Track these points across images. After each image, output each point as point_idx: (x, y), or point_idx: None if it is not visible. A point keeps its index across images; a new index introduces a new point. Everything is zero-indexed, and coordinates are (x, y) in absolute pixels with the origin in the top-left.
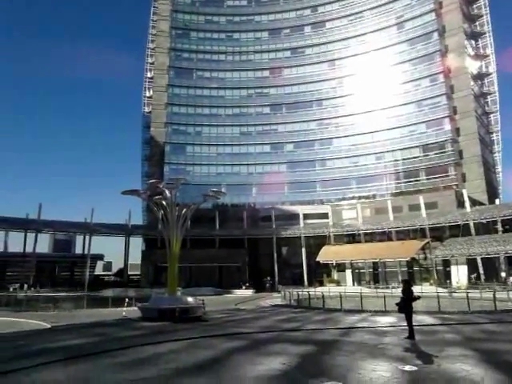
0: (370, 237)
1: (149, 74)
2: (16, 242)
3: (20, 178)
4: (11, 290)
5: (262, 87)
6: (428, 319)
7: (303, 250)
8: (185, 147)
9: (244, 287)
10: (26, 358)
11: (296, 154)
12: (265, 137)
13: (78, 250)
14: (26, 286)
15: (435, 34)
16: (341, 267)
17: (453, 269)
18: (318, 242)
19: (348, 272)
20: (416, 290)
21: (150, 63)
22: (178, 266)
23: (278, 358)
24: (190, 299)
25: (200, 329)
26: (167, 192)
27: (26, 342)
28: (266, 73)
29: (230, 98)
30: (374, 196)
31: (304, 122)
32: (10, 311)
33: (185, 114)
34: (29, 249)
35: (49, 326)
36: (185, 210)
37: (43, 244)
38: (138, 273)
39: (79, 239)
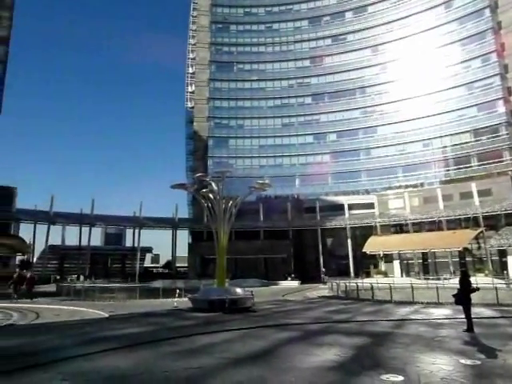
0: (419, 227)
1: (190, 70)
2: (72, 236)
3: (73, 175)
4: (69, 280)
5: (303, 77)
6: (486, 311)
7: (349, 240)
8: (227, 140)
9: (289, 278)
10: (90, 344)
11: (339, 143)
12: (307, 127)
13: (128, 243)
14: (82, 277)
15: (487, 11)
16: (388, 258)
17: (510, 259)
18: (363, 233)
19: (396, 263)
20: (471, 281)
21: (192, 59)
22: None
23: (332, 350)
24: (238, 290)
25: (250, 319)
26: (213, 185)
27: (88, 329)
28: (307, 62)
29: (271, 90)
30: (421, 184)
31: (347, 110)
32: (71, 300)
33: (226, 107)
34: (84, 242)
35: (106, 315)
36: (231, 202)
37: (96, 237)
38: (185, 265)
39: (129, 232)
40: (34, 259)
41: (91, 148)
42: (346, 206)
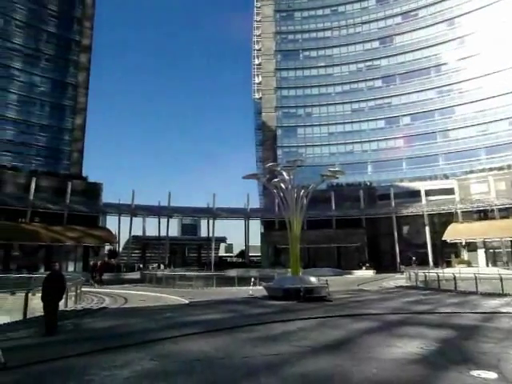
0: (506, 212)
1: (256, 61)
2: (152, 227)
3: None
4: (150, 268)
5: (372, 59)
6: None
7: (427, 228)
8: (296, 129)
9: (364, 268)
10: (173, 328)
11: (414, 126)
12: (378, 111)
13: (203, 234)
14: (162, 265)
15: None
16: (471, 246)
17: None
18: (443, 220)
19: (480, 252)
20: None
21: (257, 50)
22: None
23: (413, 342)
24: (313, 279)
25: (326, 308)
26: (284, 174)
27: (171, 314)
28: (376, 43)
29: (338, 75)
30: (509, 166)
31: (421, 91)
32: (154, 287)
33: (294, 96)
34: (162, 233)
35: (187, 301)
36: (302, 191)
37: (173, 228)
38: (258, 254)
39: (203, 223)
40: (120, 249)
41: (166, 143)
42: (422, 192)
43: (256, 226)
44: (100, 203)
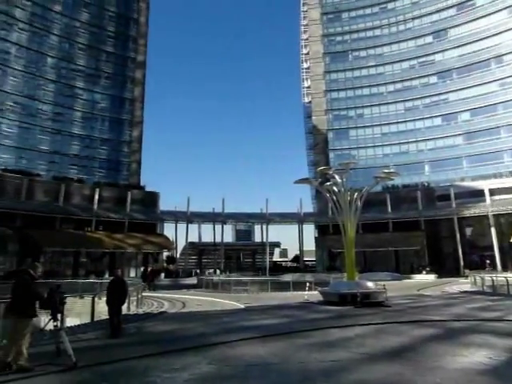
0: None
1: (305, 65)
2: (207, 233)
3: (205, 178)
4: (207, 274)
5: (425, 55)
6: None
7: (492, 229)
8: (348, 132)
9: (424, 272)
10: (230, 333)
11: (474, 122)
12: (434, 109)
13: (257, 239)
14: (218, 271)
15: None
16: None
17: None
18: (510, 221)
19: None
20: None
21: (305, 53)
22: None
23: (481, 351)
24: (370, 284)
25: (384, 314)
26: (337, 177)
27: (227, 319)
28: (429, 38)
29: (390, 74)
30: None
31: (481, 85)
32: (210, 292)
33: (344, 98)
34: (217, 239)
35: (242, 306)
36: (356, 194)
37: (228, 234)
38: (313, 258)
39: (257, 228)
40: (177, 255)
41: (218, 150)
42: (486, 192)
43: (310, 231)
44: (157, 211)
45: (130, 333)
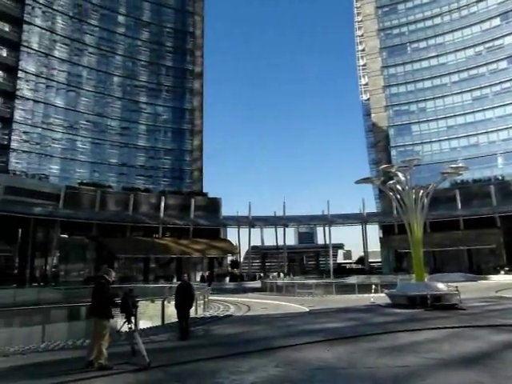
0: None
1: (361, 62)
2: (269, 237)
3: (265, 182)
4: (270, 277)
5: (493, 40)
6: None
7: None
8: (410, 127)
9: (502, 272)
10: (295, 336)
11: None
12: (505, 96)
13: (320, 241)
14: (281, 274)
15: None
16: None
17: None
18: None
19: None
20: None
21: (361, 50)
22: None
23: None
24: (440, 285)
25: (457, 318)
26: (400, 175)
27: (292, 322)
28: (497, 21)
29: (453, 63)
30: None
31: None
32: (274, 295)
33: (404, 92)
34: (279, 242)
35: (307, 309)
36: (422, 191)
37: (290, 237)
38: (378, 260)
39: (319, 230)
40: (241, 259)
41: (276, 155)
42: None
43: (374, 231)
44: (220, 217)
45: (198, 335)
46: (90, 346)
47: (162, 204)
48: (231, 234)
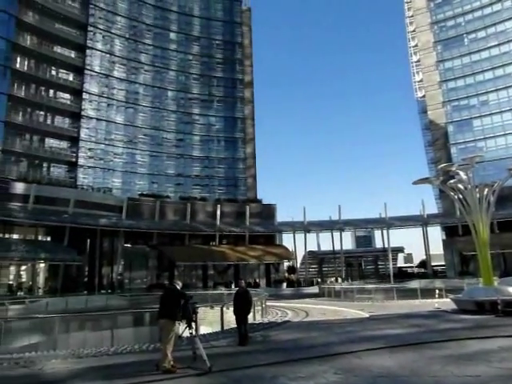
0: None
1: (414, 58)
2: (325, 241)
3: (319, 186)
4: (328, 282)
5: None
6: None
7: None
8: (471, 122)
9: None
10: (355, 342)
11: None
12: None
13: (378, 244)
14: (339, 279)
15: None
16: None
17: None
18: None
19: None
20: None
21: (414, 46)
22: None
23: None
24: None
25: None
26: (462, 174)
27: (351, 328)
28: None
29: None
30: None
31: None
32: (332, 301)
33: (463, 86)
34: (336, 246)
35: (367, 315)
36: (487, 190)
37: (347, 241)
38: (442, 263)
39: (377, 234)
40: (298, 264)
41: (329, 159)
42: None
43: (436, 233)
44: (275, 223)
45: (257, 341)
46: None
47: (218, 212)
48: (287, 240)
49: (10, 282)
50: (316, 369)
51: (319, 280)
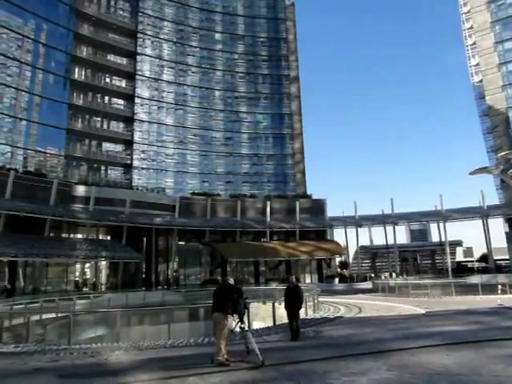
0: None
1: (469, 41)
2: (378, 236)
3: (370, 180)
4: (382, 278)
5: None
6: None
7: None
8: None
9: None
10: (409, 339)
11: None
12: None
13: (434, 238)
14: (393, 274)
15: None
16: None
17: None
18: None
19: None
20: None
21: (468, 28)
22: None
23: None
24: None
25: None
26: None
27: (406, 325)
28: None
29: None
30: None
31: None
32: (386, 297)
33: None
34: (389, 241)
35: (423, 311)
36: None
37: (401, 235)
38: (506, 257)
39: (433, 227)
40: (350, 260)
41: (379, 151)
42: None
43: (498, 225)
44: (326, 218)
45: (309, 336)
46: (213, 343)
47: (268, 208)
48: (338, 235)
49: (76, 279)
50: (369, 365)
51: (372, 275)
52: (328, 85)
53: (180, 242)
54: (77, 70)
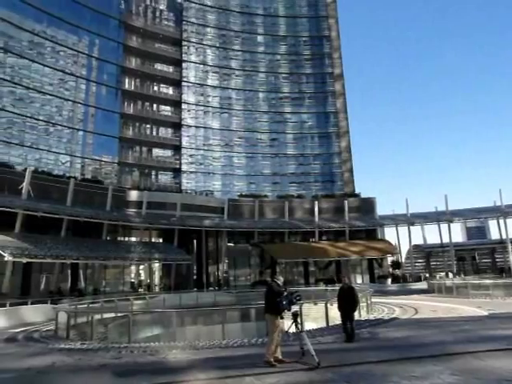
0: None
1: None
2: (432, 234)
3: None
4: (438, 278)
5: None
6: None
7: None
8: None
9: None
10: (472, 342)
11: None
12: None
13: (494, 236)
14: (450, 274)
15: None
16: None
17: None
18: None
19: None
20: None
21: None
22: None
23: None
24: None
25: None
26: None
27: (467, 327)
28: None
29: None
30: None
31: None
32: (443, 297)
33: None
34: (444, 239)
35: (486, 313)
36: None
37: (456, 233)
38: None
39: (492, 224)
40: (402, 259)
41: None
42: None
43: None
44: (375, 216)
45: (364, 337)
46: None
47: (316, 208)
48: (389, 234)
49: (132, 280)
50: (430, 369)
51: (427, 275)
52: (379, 78)
53: (229, 244)
54: (127, 80)
